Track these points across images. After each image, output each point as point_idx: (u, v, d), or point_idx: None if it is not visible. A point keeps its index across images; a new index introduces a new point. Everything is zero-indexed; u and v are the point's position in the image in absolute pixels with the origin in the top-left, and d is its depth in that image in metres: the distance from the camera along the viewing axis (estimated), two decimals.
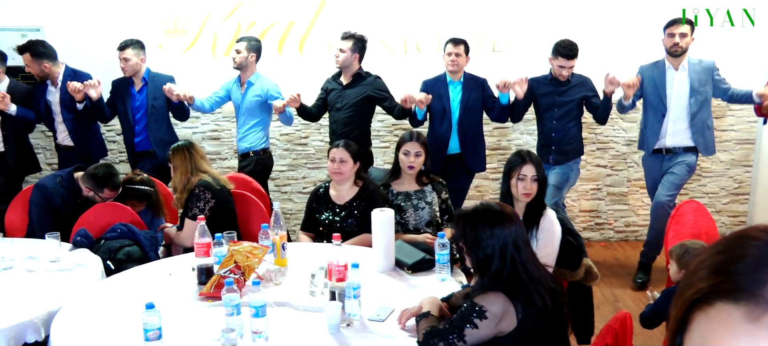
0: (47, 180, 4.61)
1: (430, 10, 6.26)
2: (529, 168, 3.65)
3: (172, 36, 6.40)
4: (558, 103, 5.48)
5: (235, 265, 3.28)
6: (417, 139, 4.47)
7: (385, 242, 3.56)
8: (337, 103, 5.55)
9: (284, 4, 6.31)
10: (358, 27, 6.15)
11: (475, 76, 5.61)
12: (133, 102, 5.77)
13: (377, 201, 4.27)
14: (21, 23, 6.45)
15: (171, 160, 4.45)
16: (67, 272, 3.69)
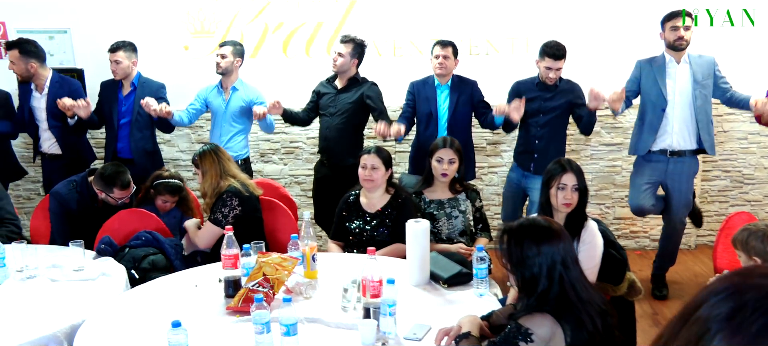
0: (61, 187, 4.51)
1: (462, 11, 6.10)
2: (569, 177, 3.49)
3: (198, 37, 6.29)
4: (544, 108, 5.23)
5: (264, 277, 3.14)
6: (450, 146, 4.33)
7: (420, 254, 3.40)
8: (331, 109, 5.38)
9: (313, 5, 6.18)
10: (388, 29, 6.04)
11: (464, 79, 5.42)
12: (119, 106, 5.58)
13: (409, 210, 4.14)
14: (48, 26, 6.39)
15: (199, 165, 4.32)
16: (90, 282, 3.58)
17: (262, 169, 6.50)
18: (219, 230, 4.15)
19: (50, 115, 5.59)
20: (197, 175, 4.38)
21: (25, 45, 5.53)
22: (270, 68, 6.17)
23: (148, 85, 5.55)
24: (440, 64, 5.22)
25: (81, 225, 4.39)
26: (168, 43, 6.29)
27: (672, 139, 5.08)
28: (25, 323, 3.09)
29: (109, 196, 4.43)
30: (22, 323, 3.10)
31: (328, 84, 5.47)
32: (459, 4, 6.11)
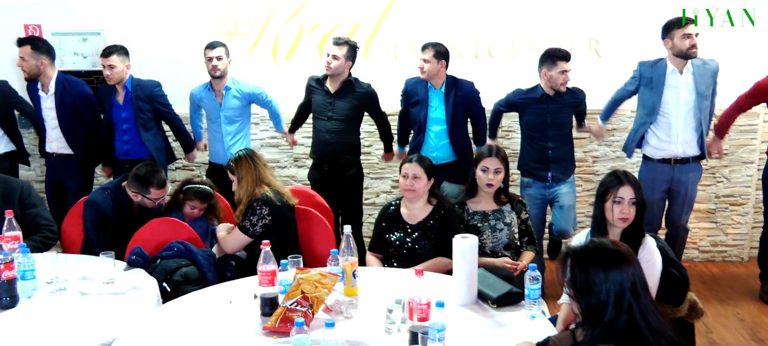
0: (96, 195, 4.36)
1: (502, 13, 5.88)
2: (626, 190, 3.25)
3: (231, 38, 6.14)
4: (552, 121, 5.09)
5: (303, 295, 2.94)
6: (496, 155, 4.11)
7: (468, 272, 3.18)
8: (328, 113, 5.27)
9: (349, 6, 6.00)
10: (427, 30, 5.85)
11: (458, 80, 5.24)
12: (118, 113, 5.50)
13: (453, 222, 3.94)
14: (82, 27, 6.36)
15: (235, 170, 4.13)
16: (121, 296, 3.40)
17: (295, 173, 6.35)
18: (245, 239, 4.03)
19: (59, 115, 5.55)
20: (232, 181, 4.19)
21: (37, 41, 5.52)
22: (304, 70, 5.98)
23: (142, 86, 5.48)
24: (420, 68, 5.12)
25: (118, 233, 4.25)
26: (201, 45, 6.13)
27: (677, 148, 5.03)
28: (53, 341, 2.94)
29: (145, 197, 4.27)
30: (51, 342, 2.94)
31: (319, 86, 5.34)
32: (496, 5, 5.90)
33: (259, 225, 4.01)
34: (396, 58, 6.03)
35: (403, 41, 6.00)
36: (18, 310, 3.27)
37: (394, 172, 6.22)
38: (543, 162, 5.11)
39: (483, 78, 5.47)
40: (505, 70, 5.88)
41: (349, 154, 5.36)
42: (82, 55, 6.39)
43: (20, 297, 3.34)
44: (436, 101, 5.19)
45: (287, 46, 6.15)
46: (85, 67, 6.34)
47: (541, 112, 5.07)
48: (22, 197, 4.45)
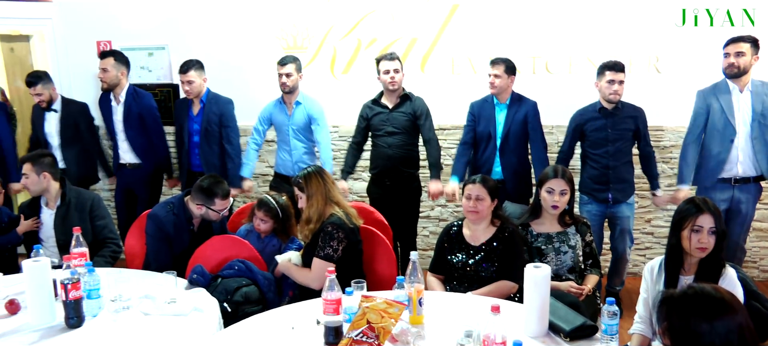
0: (158, 209, 4.20)
1: (560, 29, 5.60)
2: (706, 218, 2.94)
3: (290, 52, 5.94)
4: (612, 137, 4.80)
5: (368, 325, 2.70)
6: (562, 176, 3.83)
7: (540, 303, 2.90)
8: (387, 128, 5.08)
9: (407, 21, 5.78)
10: (484, 45, 5.60)
11: (522, 97, 5.00)
12: (191, 124, 5.41)
13: (517, 244, 3.68)
14: (148, 43, 6.34)
15: (304, 188, 3.85)
16: (182, 317, 3.21)
17: (352, 186, 6.12)
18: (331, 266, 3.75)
19: (126, 124, 5.55)
20: (299, 198, 3.92)
21: (118, 54, 5.54)
22: (362, 84, 5.80)
23: (216, 101, 5.39)
24: (491, 83, 4.92)
25: (175, 248, 4.10)
26: (261, 59, 6.04)
27: (738, 168, 4.74)
28: None
29: (210, 209, 4.08)
30: None
31: (375, 105, 5.13)
32: (553, 20, 5.61)
33: (340, 249, 3.72)
34: (453, 72, 5.79)
35: (460, 56, 5.76)
36: (84, 329, 3.12)
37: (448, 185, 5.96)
38: (603, 182, 4.84)
39: (540, 94, 5.20)
40: (563, 85, 5.60)
41: (410, 168, 5.16)
42: (147, 69, 6.34)
43: (86, 316, 3.19)
44: (502, 116, 4.95)
45: (345, 60, 5.96)
46: (150, 81, 6.30)
47: (601, 126, 4.80)
48: (92, 208, 4.45)
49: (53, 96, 5.81)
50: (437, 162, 5.09)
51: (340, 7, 5.89)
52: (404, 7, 5.77)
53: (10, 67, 8.45)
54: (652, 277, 3.13)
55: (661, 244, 5.86)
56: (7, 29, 7.80)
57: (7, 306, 3.31)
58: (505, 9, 5.63)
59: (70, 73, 6.39)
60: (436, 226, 6.09)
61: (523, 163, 5.01)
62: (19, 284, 3.32)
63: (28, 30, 8.29)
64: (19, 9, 6.63)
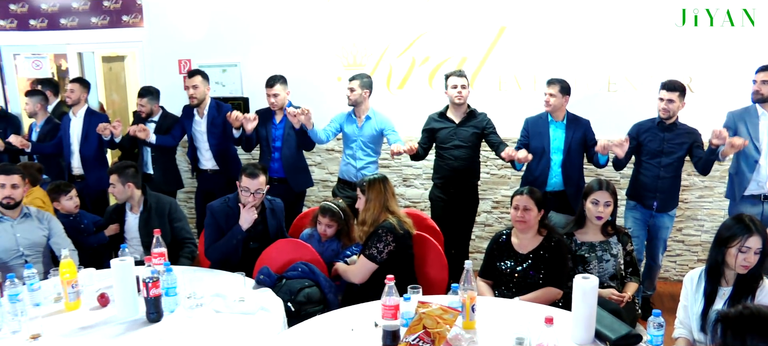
0: (217, 202, 4.14)
1: (599, 50, 5.36)
2: (755, 240, 2.75)
3: (350, 69, 5.87)
4: (667, 149, 4.56)
5: (424, 331, 2.56)
6: (606, 188, 3.65)
7: (588, 313, 2.71)
8: (454, 141, 4.87)
9: (458, 41, 5.62)
10: (529, 65, 5.43)
11: (578, 118, 4.79)
12: (274, 131, 5.29)
13: (562, 253, 3.50)
14: (222, 60, 6.32)
15: (365, 192, 3.76)
16: (250, 315, 3.12)
17: (404, 192, 6.00)
18: (373, 266, 3.63)
19: (209, 134, 5.49)
20: (359, 199, 3.81)
21: (204, 73, 5.49)
22: (415, 99, 5.67)
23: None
24: (546, 102, 4.71)
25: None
26: (323, 75, 5.95)
27: (766, 186, 4.50)
28: None
29: (241, 187, 4.00)
30: None
31: (442, 119, 4.94)
32: (592, 41, 5.37)
33: (385, 252, 3.62)
34: (500, 89, 5.60)
35: (506, 74, 5.57)
36: (162, 324, 3.07)
37: (495, 193, 5.80)
38: (652, 190, 4.62)
39: (578, 110, 4.96)
40: (601, 103, 5.36)
41: (473, 179, 4.99)
42: (221, 83, 6.31)
43: (164, 312, 3.14)
44: (557, 133, 4.75)
45: (400, 77, 5.82)
46: (223, 95, 6.25)
47: (658, 138, 4.58)
48: (170, 211, 4.41)
49: (154, 110, 5.84)
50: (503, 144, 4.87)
51: (395, 28, 5.76)
52: (455, 28, 5.61)
53: (108, 83, 8.64)
54: (692, 286, 2.99)
55: (691, 251, 5.59)
56: (107, 52, 7.97)
57: (99, 299, 3.30)
58: (549, 31, 5.42)
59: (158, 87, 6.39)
60: (481, 230, 5.91)
61: (581, 177, 4.82)
62: (109, 280, 3.27)
63: (124, 51, 8.48)
64: (117, 34, 6.77)
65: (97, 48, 7.16)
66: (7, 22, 7.07)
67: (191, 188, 6.42)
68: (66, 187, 4.44)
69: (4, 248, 4.02)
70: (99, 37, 6.82)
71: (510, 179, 5.70)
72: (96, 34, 6.81)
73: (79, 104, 5.91)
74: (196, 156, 5.63)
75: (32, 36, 7.02)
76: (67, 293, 3.28)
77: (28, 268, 3.39)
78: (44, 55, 7.23)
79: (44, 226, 4.19)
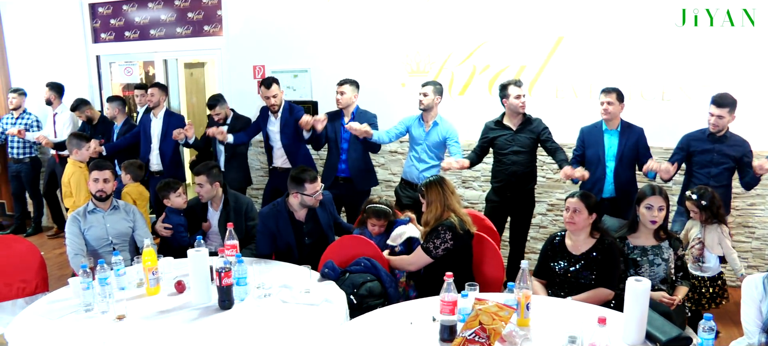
0: (266, 208, 4.10)
1: (655, 60, 5.14)
2: None
3: (414, 76, 5.83)
4: (716, 160, 4.34)
5: (480, 326, 2.48)
6: (659, 194, 3.49)
7: (639, 314, 2.58)
8: (512, 147, 4.76)
9: (517, 49, 5.49)
10: (585, 74, 5.26)
11: (631, 125, 4.60)
12: (342, 132, 5.26)
13: (615, 255, 3.36)
14: (294, 66, 6.37)
15: (425, 195, 3.69)
16: (314, 306, 3.10)
17: (463, 193, 5.90)
18: (427, 259, 3.57)
19: (283, 135, 5.51)
20: (423, 203, 3.76)
21: (278, 81, 5.52)
22: (476, 105, 5.56)
23: (364, 115, 5.21)
24: (605, 110, 4.55)
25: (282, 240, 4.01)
26: (388, 81, 5.94)
27: None
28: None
29: (303, 194, 3.93)
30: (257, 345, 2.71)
31: (499, 126, 4.83)
32: (648, 53, 5.16)
33: (442, 248, 3.55)
34: (557, 96, 5.45)
35: (563, 83, 5.41)
36: (233, 312, 3.09)
37: (550, 196, 5.65)
38: None
39: (634, 119, 4.78)
40: (657, 112, 5.14)
41: (530, 183, 4.87)
42: (292, 88, 6.35)
43: (235, 300, 3.16)
44: (612, 141, 4.60)
45: (461, 83, 5.74)
46: (294, 98, 6.28)
47: (707, 150, 4.38)
48: (247, 210, 4.43)
49: (227, 113, 5.97)
50: (566, 157, 4.72)
51: (457, 37, 5.68)
52: (515, 37, 5.49)
53: (189, 88, 8.84)
54: (757, 291, 2.81)
55: (742, 258, 5.23)
56: (189, 59, 8.17)
57: (176, 286, 3.35)
58: (606, 41, 5.23)
59: (234, 91, 6.51)
60: (536, 232, 5.76)
61: (633, 183, 4.64)
62: (186, 268, 3.31)
63: (204, 58, 8.66)
64: (198, 43, 6.91)
65: (180, 55, 7.34)
66: (107, 35, 7.33)
67: (260, 186, 6.51)
68: (175, 184, 4.49)
69: (95, 237, 4.15)
70: (183, 45, 6.99)
71: (565, 183, 5.54)
72: (180, 43, 6.98)
73: (159, 106, 6.08)
74: (271, 154, 5.68)
75: (126, 46, 7.26)
76: (148, 279, 3.35)
77: (116, 255, 3.49)
78: (135, 63, 7.46)
79: (130, 218, 4.30)
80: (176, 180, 4.58)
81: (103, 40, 7.36)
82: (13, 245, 4.08)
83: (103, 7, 7.29)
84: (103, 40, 7.36)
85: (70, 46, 7.40)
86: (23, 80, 7.62)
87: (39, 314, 3.10)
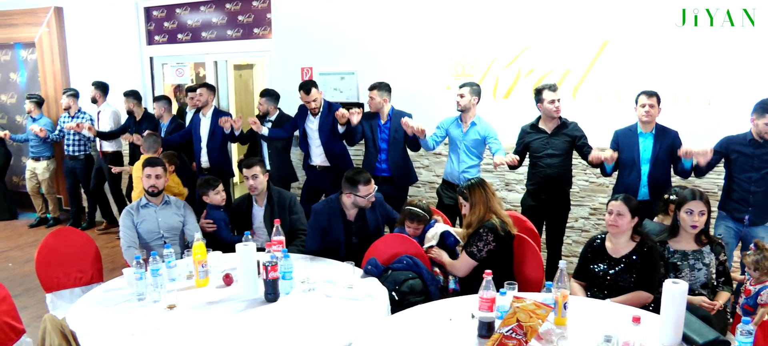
0: (320, 204, 4.24)
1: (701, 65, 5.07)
2: None
3: (458, 79, 5.89)
4: (757, 165, 4.25)
5: (518, 323, 2.55)
6: (700, 198, 3.50)
7: (676, 316, 2.61)
8: (547, 150, 4.83)
9: (562, 53, 5.50)
10: (630, 79, 5.23)
11: (666, 128, 4.56)
12: (380, 133, 5.38)
13: (655, 259, 3.38)
14: (341, 69, 6.49)
15: (468, 197, 3.77)
16: (357, 301, 3.21)
17: (505, 196, 5.94)
18: (473, 262, 3.64)
19: (322, 133, 5.65)
20: (463, 206, 3.83)
21: (316, 83, 5.68)
22: (520, 108, 5.59)
23: (400, 116, 5.32)
24: (647, 112, 4.50)
25: (332, 236, 4.13)
26: (433, 84, 6.01)
27: None
28: (303, 337, 2.83)
29: (356, 195, 4.06)
30: (301, 337, 2.83)
31: (535, 130, 4.90)
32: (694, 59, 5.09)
33: (485, 250, 3.63)
34: (601, 101, 5.44)
35: (608, 88, 5.39)
36: (278, 304, 3.22)
37: (593, 200, 5.64)
38: (743, 203, 4.34)
39: (680, 123, 4.76)
40: (702, 116, 5.08)
41: (565, 186, 4.90)
42: (339, 90, 6.47)
43: (281, 294, 3.29)
44: (646, 144, 4.59)
45: (506, 87, 5.78)
46: (341, 100, 6.40)
47: (749, 154, 4.31)
48: (290, 204, 4.57)
49: (271, 110, 6.18)
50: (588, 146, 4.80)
51: (502, 41, 5.72)
52: (559, 41, 5.51)
53: (238, 88, 9.10)
54: None
55: None
56: (238, 60, 8.41)
57: (224, 278, 3.49)
58: (651, 46, 5.20)
59: (281, 92, 6.63)
60: (578, 235, 5.76)
61: (668, 186, 4.60)
62: (234, 262, 3.46)
63: (253, 60, 8.90)
64: (249, 45, 7.12)
65: (230, 57, 7.56)
66: (160, 37, 7.61)
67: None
68: (214, 182, 4.68)
69: (147, 230, 4.35)
70: (233, 47, 7.21)
71: (607, 187, 5.52)
72: (231, 45, 7.20)
73: (207, 106, 6.32)
74: (308, 152, 5.81)
75: (178, 48, 7.52)
76: (197, 272, 3.51)
77: (167, 247, 3.66)
78: (186, 64, 7.72)
79: (181, 213, 4.49)
80: (215, 178, 4.78)
81: (157, 43, 7.64)
82: (72, 236, 4.32)
83: (158, 11, 7.57)
84: (156, 42, 7.65)
85: (125, 48, 7.72)
86: (81, 81, 7.98)
87: (95, 302, 3.30)
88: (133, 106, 7.06)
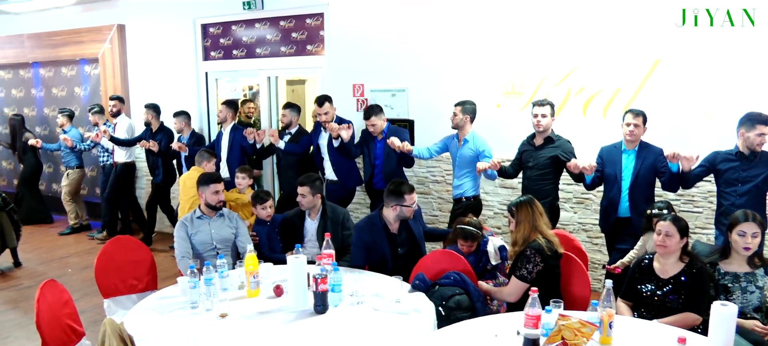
0: (362, 222, 4.34)
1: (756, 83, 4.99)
2: None
3: (508, 96, 5.95)
4: (743, 178, 4.24)
5: (563, 341, 2.61)
6: (753, 220, 3.45)
7: (724, 339, 2.62)
8: (530, 162, 5.08)
9: (613, 72, 5.50)
10: (681, 97, 5.18)
11: (650, 146, 4.62)
12: (375, 150, 5.75)
13: (704, 281, 3.36)
14: (392, 86, 6.62)
15: (515, 214, 3.82)
16: (404, 315, 3.29)
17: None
18: (524, 286, 3.67)
19: (329, 148, 6.05)
20: (510, 222, 3.89)
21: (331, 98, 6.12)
22: (570, 126, 5.59)
23: (396, 132, 5.71)
24: (631, 132, 4.64)
25: (377, 252, 4.22)
26: (483, 101, 6.04)
27: None
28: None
29: (402, 205, 4.16)
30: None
31: (528, 143, 5.13)
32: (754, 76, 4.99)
33: (535, 271, 3.66)
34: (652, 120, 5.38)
35: (659, 107, 5.33)
36: (327, 316, 3.32)
37: None
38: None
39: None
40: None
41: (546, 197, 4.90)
42: (390, 106, 6.55)
43: (329, 306, 3.39)
44: (628, 160, 4.70)
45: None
46: (391, 117, 6.47)
47: (736, 168, 4.30)
48: (343, 220, 4.71)
49: (293, 122, 6.54)
50: None
51: (552, 60, 5.74)
52: (610, 60, 5.49)
53: None
54: None
55: None
56: (291, 76, 8.65)
57: (275, 290, 3.62)
58: (705, 65, 5.12)
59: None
60: None
61: (649, 201, 4.60)
62: (284, 274, 3.60)
63: (305, 76, 9.12)
64: (302, 61, 7.32)
65: (283, 73, 7.78)
66: (216, 53, 7.89)
67: None
68: (265, 197, 4.88)
69: (201, 241, 4.52)
70: (287, 63, 7.41)
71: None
72: (284, 61, 7.41)
73: (227, 122, 6.80)
74: (322, 166, 6.22)
75: (233, 63, 7.78)
76: (249, 282, 3.65)
77: (221, 258, 3.81)
78: (238, 79, 7.99)
79: (233, 225, 4.65)
80: (267, 193, 4.95)
81: (213, 58, 7.92)
82: (129, 245, 4.54)
83: (214, 28, 7.85)
84: (212, 57, 7.93)
85: (182, 63, 8.04)
86: (139, 94, 8.37)
87: (151, 309, 3.47)
88: (151, 117, 7.50)
